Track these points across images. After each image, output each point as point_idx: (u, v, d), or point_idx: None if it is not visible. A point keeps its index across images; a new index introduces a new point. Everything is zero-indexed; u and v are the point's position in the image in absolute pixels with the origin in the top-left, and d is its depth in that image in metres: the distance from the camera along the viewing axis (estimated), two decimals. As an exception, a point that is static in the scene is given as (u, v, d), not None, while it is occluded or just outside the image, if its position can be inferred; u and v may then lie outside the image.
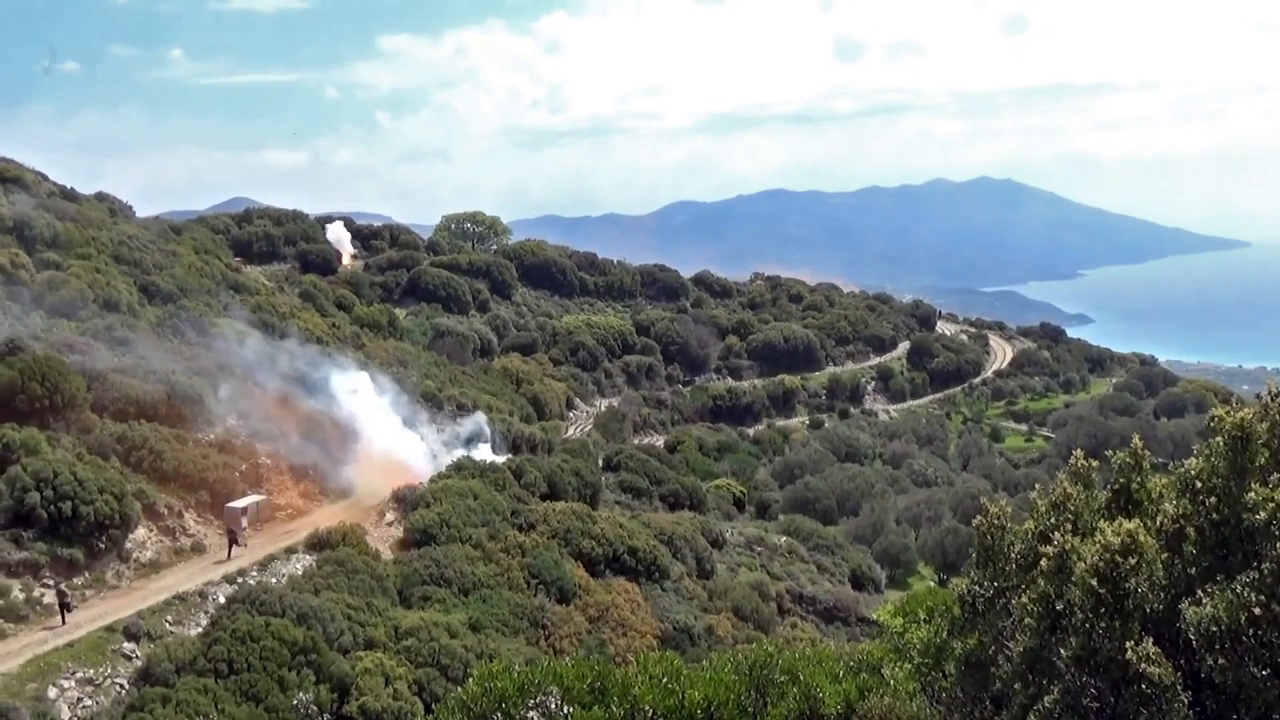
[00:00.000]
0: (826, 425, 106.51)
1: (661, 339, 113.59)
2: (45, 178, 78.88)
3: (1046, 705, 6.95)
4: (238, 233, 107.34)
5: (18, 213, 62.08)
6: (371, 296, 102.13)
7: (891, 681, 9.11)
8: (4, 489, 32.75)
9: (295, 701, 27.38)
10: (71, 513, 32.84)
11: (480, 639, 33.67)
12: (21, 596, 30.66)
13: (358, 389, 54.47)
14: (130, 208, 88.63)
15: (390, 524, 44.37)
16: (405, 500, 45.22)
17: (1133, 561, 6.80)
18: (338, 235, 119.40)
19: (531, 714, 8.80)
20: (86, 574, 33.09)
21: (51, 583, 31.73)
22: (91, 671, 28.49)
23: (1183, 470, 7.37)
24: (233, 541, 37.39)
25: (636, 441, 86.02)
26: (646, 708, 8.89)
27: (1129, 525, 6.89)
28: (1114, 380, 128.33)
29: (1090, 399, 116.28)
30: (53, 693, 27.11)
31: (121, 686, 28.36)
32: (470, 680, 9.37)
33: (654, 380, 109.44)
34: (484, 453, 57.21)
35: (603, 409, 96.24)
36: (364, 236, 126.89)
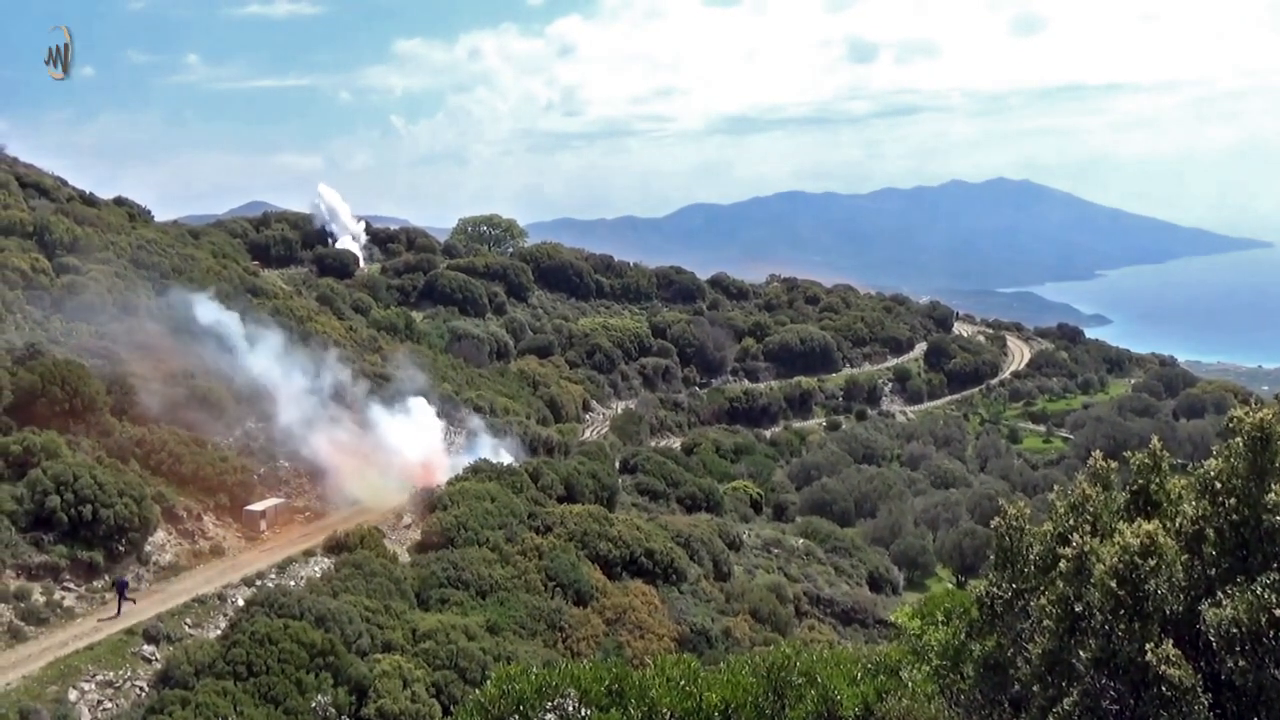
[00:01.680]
0: (844, 427, 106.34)
1: (678, 341, 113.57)
2: (65, 183, 79.39)
3: (1065, 708, 6.92)
4: (255, 236, 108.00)
5: (38, 217, 62.47)
6: (388, 299, 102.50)
7: (910, 684, 9.08)
8: (25, 492, 32.94)
9: (314, 704, 27.45)
10: (91, 516, 33.00)
11: (498, 641, 33.72)
12: (42, 599, 30.83)
13: (373, 395, 54.59)
14: (149, 212, 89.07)
15: (408, 526, 44.49)
16: (423, 503, 45.33)
17: (1152, 563, 6.76)
18: (330, 198, 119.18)
19: (549, 716, 8.81)
20: (106, 577, 33.24)
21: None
22: (111, 674, 28.63)
23: (1202, 471, 7.33)
24: (121, 598, 31.89)
25: (653, 444, 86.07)
26: (664, 710, 8.88)
27: (1148, 527, 6.85)
28: (1133, 381, 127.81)
29: (1109, 400, 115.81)
30: (73, 695, 27.25)
31: (141, 689, 28.48)
32: (488, 683, 9.36)
33: (670, 382, 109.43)
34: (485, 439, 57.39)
35: (619, 411, 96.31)
36: (381, 239, 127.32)
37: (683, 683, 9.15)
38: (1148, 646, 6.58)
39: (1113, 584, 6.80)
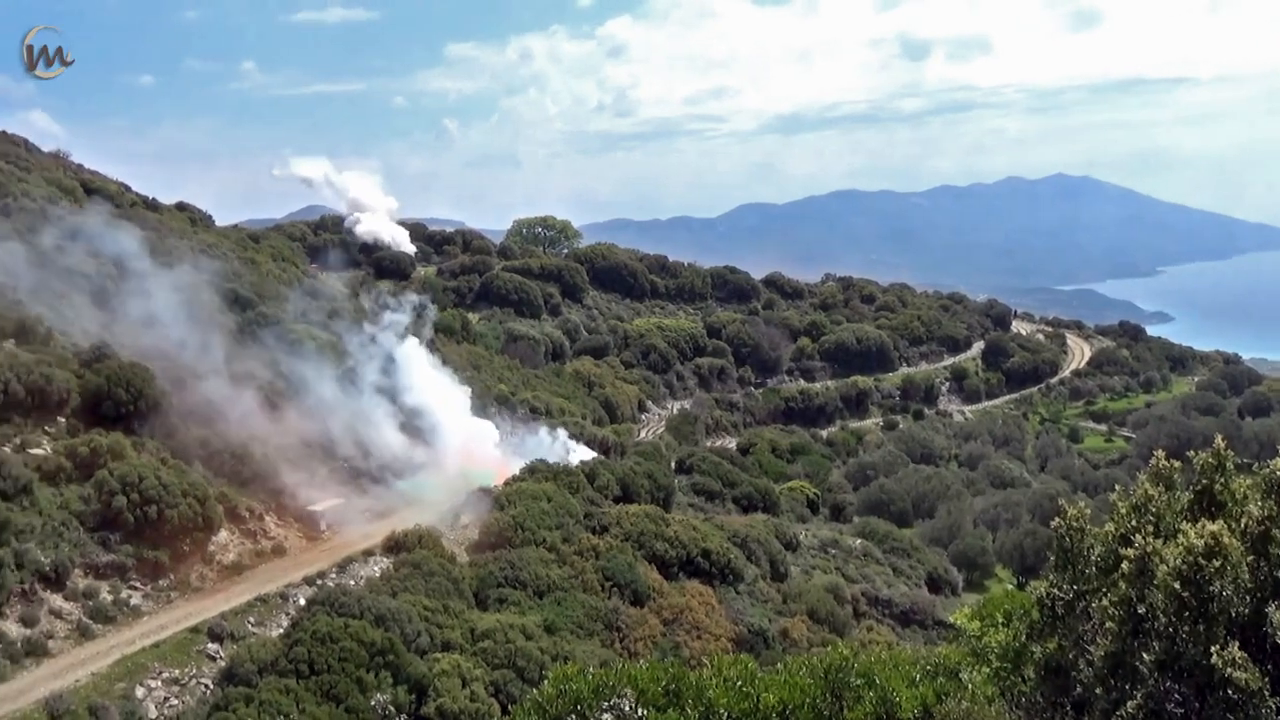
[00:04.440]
0: (900, 426, 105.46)
1: (733, 341, 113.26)
2: (128, 189, 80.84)
3: (1129, 710, 6.86)
4: (313, 240, 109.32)
5: (103, 223, 63.54)
6: (444, 301, 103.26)
7: (969, 686, 9.03)
8: (91, 493, 33.58)
9: (374, 702, 27.75)
10: (156, 516, 33.55)
11: (555, 641, 33.86)
12: (109, 598, 31.42)
13: (438, 391, 54.99)
14: (209, 217, 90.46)
15: (465, 526, 44.77)
16: (480, 503, 45.61)
17: (1217, 564, 6.68)
18: (303, 171, 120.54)
19: (606, 716, 8.85)
20: (171, 576, 33.82)
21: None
22: (177, 672, 29.10)
23: (1268, 470, 7.23)
24: None
25: (709, 444, 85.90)
26: (721, 711, 8.90)
27: (1213, 527, 6.77)
28: (1196, 379, 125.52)
29: (1172, 398, 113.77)
30: (140, 692, 27.74)
31: (206, 686, 28.93)
32: (545, 682, 9.43)
33: (725, 383, 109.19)
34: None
35: (675, 412, 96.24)
36: (436, 242, 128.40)
37: (740, 683, 9.16)
38: (1213, 649, 6.51)
39: (1176, 585, 6.72)
